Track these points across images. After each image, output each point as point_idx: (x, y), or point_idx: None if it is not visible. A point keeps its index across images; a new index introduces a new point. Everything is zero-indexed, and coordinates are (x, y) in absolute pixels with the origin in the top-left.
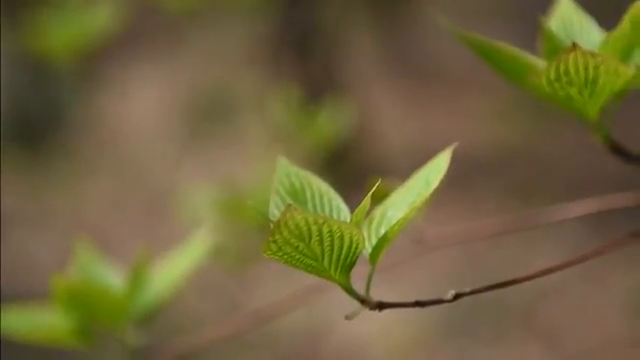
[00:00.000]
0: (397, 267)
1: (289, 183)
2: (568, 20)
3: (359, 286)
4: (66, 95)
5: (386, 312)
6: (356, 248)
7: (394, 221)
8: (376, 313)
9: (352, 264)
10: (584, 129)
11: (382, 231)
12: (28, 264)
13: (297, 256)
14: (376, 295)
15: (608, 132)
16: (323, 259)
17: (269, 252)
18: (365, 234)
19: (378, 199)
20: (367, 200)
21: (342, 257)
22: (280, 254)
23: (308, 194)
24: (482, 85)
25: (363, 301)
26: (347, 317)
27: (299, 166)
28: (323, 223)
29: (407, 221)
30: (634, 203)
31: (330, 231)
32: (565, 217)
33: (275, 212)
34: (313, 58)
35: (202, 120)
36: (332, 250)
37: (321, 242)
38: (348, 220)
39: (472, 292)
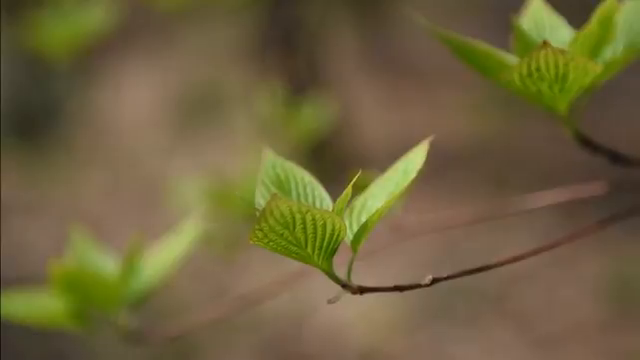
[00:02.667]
0: (377, 253)
1: (274, 174)
2: (539, 19)
3: (341, 272)
4: (63, 90)
5: (367, 296)
6: (338, 235)
7: (374, 210)
8: (357, 297)
9: (334, 251)
10: (554, 123)
11: (363, 219)
12: (26, 250)
13: (282, 243)
14: (357, 280)
15: (577, 126)
16: (307, 246)
17: (255, 239)
18: (347, 222)
19: (359, 189)
20: (348, 190)
21: (325, 244)
22: (266, 241)
23: (292, 184)
24: (457, 80)
25: (345, 286)
26: (329, 301)
27: (284, 158)
28: (307, 212)
29: (386, 210)
30: (601, 193)
31: (313, 219)
32: (537, 206)
33: (261, 201)
34: (297, 55)
35: (192, 114)
36: (315, 237)
37: (305, 230)
38: (330, 209)
39: (448, 277)
